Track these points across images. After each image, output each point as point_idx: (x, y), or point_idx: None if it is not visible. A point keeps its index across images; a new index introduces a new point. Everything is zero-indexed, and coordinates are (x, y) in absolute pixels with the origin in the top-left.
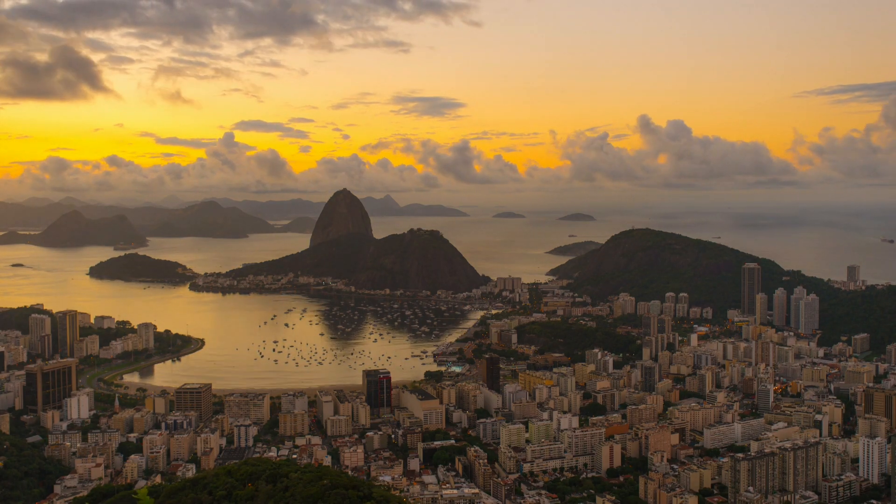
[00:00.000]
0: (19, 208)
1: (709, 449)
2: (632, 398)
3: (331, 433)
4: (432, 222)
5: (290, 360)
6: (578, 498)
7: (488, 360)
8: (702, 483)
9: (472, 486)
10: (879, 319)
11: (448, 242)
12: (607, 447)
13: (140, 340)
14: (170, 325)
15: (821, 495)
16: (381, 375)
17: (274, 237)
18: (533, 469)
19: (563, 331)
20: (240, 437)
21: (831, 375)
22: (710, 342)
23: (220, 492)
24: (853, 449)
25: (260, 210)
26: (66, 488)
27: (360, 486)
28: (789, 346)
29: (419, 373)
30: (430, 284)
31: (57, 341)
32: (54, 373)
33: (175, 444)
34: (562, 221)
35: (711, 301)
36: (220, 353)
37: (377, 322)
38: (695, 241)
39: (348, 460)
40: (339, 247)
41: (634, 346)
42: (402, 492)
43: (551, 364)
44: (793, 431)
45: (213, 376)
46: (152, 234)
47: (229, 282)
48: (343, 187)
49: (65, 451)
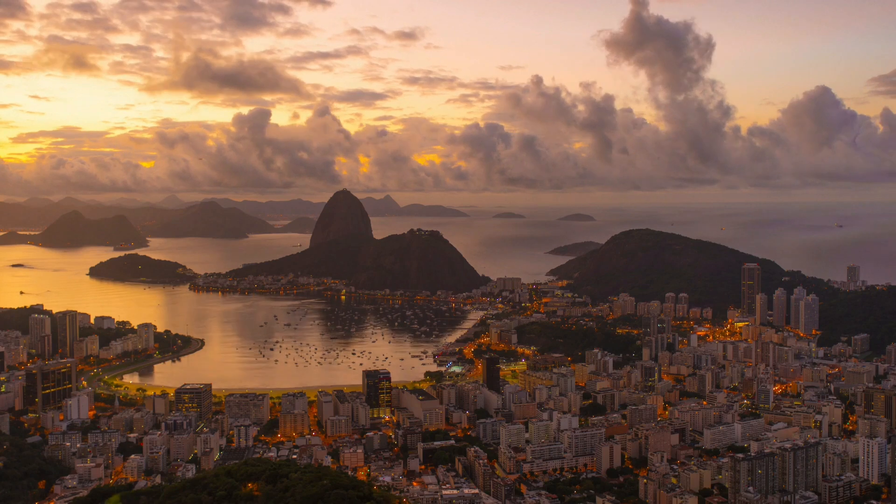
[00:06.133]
0: (19, 208)
1: (709, 449)
2: (632, 398)
3: (331, 433)
4: (432, 223)
5: (289, 360)
6: (578, 498)
7: (488, 360)
8: (702, 483)
9: (472, 487)
10: (879, 319)
11: (448, 243)
12: (607, 447)
13: (140, 340)
14: (170, 325)
15: (821, 495)
16: (381, 376)
17: (274, 237)
18: (533, 469)
19: (563, 331)
20: (240, 437)
21: (831, 376)
22: (709, 342)
23: (220, 492)
24: (853, 449)
25: (260, 210)
26: (66, 488)
27: (360, 487)
28: (789, 346)
29: (419, 373)
30: (430, 284)
31: (57, 341)
32: (54, 373)
33: (175, 444)
34: (562, 222)
35: (711, 301)
36: (220, 353)
37: (377, 322)
38: (695, 242)
39: (348, 461)
40: (339, 247)
41: (634, 346)
42: (402, 492)
43: (551, 364)
44: (793, 431)
45: (213, 376)
46: (152, 234)
47: (229, 282)
48: (343, 188)
49: (65, 452)
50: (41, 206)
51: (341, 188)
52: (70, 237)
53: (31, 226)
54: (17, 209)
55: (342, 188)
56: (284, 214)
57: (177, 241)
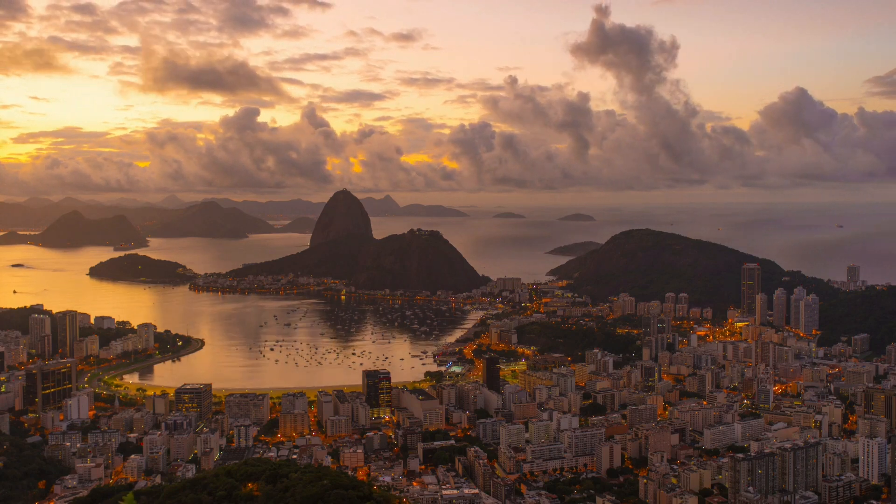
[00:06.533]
0: (19, 208)
1: (709, 449)
2: (632, 398)
3: (331, 433)
4: (432, 222)
5: (290, 360)
6: (578, 498)
7: (488, 360)
8: (702, 483)
9: (472, 487)
10: (879, 319)
11: (448, 243)
12: (607, 447)
13: (140, 340)
14: (170, 325)
15: (821, 495)
16: (381, 376)
17: (274, 237)
18: (533, 469)
19: (563, 331)
20: (240, 437)
21: (831, 376)
22: (709, 342)
23: (220, 492)
24: (853, 449)
25: (260, 210)
26: (66, 488)
27: (360, 487)
28: (789, 346)
29: (419, 373)
30: (430, 284)
31: (57, 341)
32: (54, 373)
33: (175, 444)
34: (561, 222)
35: (711, 301)
36: (220, 353)
37: (377, 322)
38: (695, 242)
39: (348, 461)
40: (339, 247)
41: (634, 346)
42: (402, 492)
43: (551, 364)
44: (793, 431)
45: (213, 376)
46: (152, 234)
47: (229, 282)
48: (342, 188)
49: (65, 452)
50: (41, 206)
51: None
52: (70, 237)
53: (31, 226)
54: (17, 209)
55: (341, 188)
56: (284, 214)
57: (177, 241)
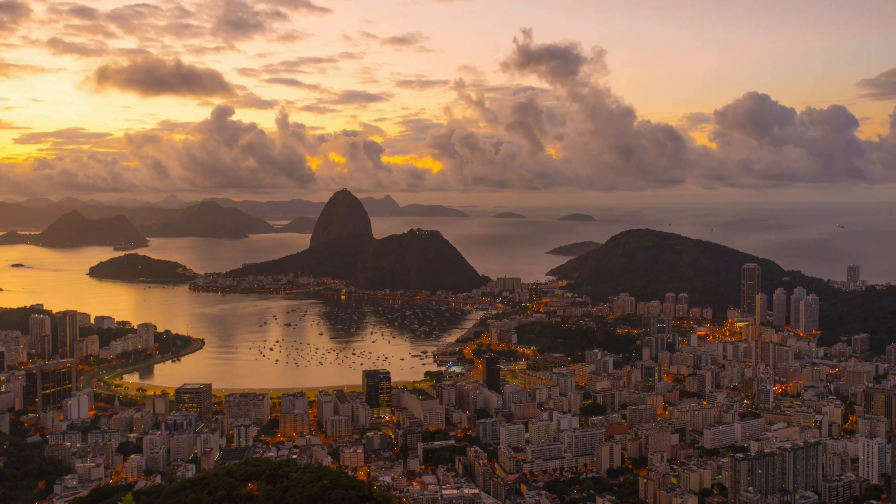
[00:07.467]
0: (19, 208)
1: (709, 449)
2: (632, 398)
3: (331, 433)
4: (432, 223)
5: (290, 360)
6: (578, 498)
7: (488, 360)
8: (702, 483)
9: (472, 487)
10: (879, 319)
11: (448, 243)
12: (607, 447)
13: (140, 340)
14: (170, 325)
15: (821, 495)
16: (381, 376)
17: (274, 237)
18: (533, 469)
19: (563, 331)
20: (240, 437)
21: (831, 375)
22: (709, 342)
23: (220, 492)
24: (853, 449)
25: (260, 210)
26: (66, 488)
27: (360, 487)
28: (789, 346)
29: (419, 373)
30: (430, 284)
31: (57, 341)
32: (54, 373)
33: (175, 444)
34: (561, 222)
35: (711, 301)
36: (220, 353)
37: (377, 322)
38: (694, 242)
39: (348, 460)
40: (339, 247)
41: (634, 346)
42: (402, 492)
43: (551, 364)
44: (793, 431)
45: (213, 376)
46: (152, 233)
47: (229, 282)
48: (343, 188)
49: (65, 452)
50: (41, 206)
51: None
52: (70, 237)
53: (31, 226)
54: (17, 209)
55: (341, 188)
56: (284, 214)
57: (177, 240)
